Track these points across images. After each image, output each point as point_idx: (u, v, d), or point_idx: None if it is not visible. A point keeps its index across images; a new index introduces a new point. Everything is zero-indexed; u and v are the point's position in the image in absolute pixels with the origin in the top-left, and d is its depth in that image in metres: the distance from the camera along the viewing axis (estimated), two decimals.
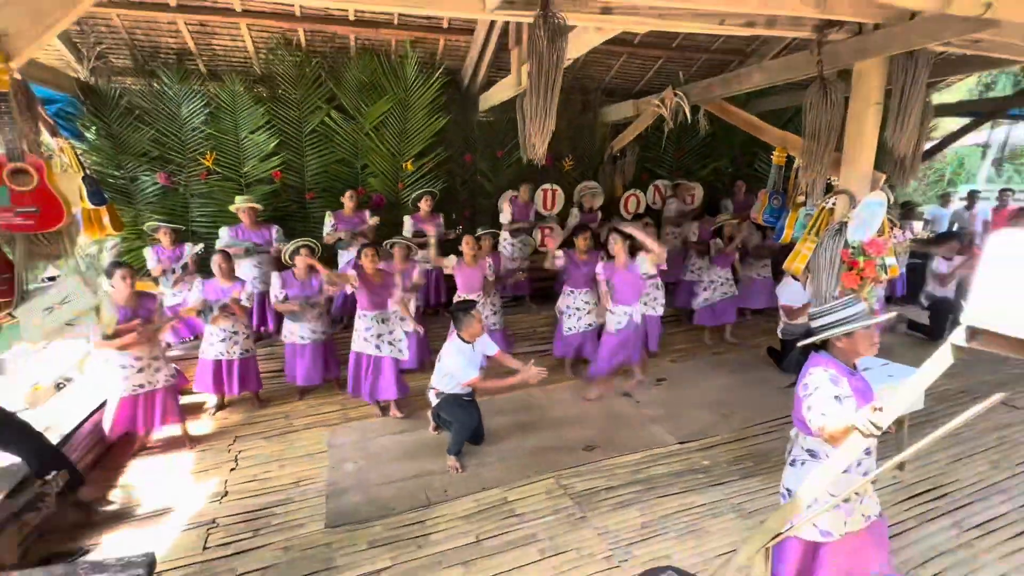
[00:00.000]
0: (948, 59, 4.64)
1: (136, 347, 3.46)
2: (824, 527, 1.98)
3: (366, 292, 4.02)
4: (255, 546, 2.83)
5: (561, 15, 2.32)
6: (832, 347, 1.95)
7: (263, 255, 4.92)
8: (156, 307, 3.61)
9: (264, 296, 4.90)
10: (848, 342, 1.90)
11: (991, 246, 1.17)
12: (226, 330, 4.08)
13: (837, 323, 1.89)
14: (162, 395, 3.63)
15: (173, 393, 3.73)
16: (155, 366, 3.59)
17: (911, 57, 3.08)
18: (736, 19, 2.92)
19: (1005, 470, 3.32)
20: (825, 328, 1.92)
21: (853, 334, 1.88)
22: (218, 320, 4.00)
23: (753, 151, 7.33)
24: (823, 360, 1.92)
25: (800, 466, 2.08)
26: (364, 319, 4.09)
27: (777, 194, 4.38)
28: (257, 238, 4.88)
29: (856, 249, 3.20)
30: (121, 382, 3.49)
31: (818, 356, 1.96)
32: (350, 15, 4.76)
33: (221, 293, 4.00)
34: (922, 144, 3.57)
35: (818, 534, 1.99)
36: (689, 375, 5.01)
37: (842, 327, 1.87)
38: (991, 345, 1.20)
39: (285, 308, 4.20)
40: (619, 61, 6.11)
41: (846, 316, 1.88)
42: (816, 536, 1.99)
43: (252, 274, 4.82)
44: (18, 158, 1.96)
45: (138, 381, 3.52)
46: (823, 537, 1.98)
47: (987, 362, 4.74)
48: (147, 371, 3.55)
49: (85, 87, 4.74)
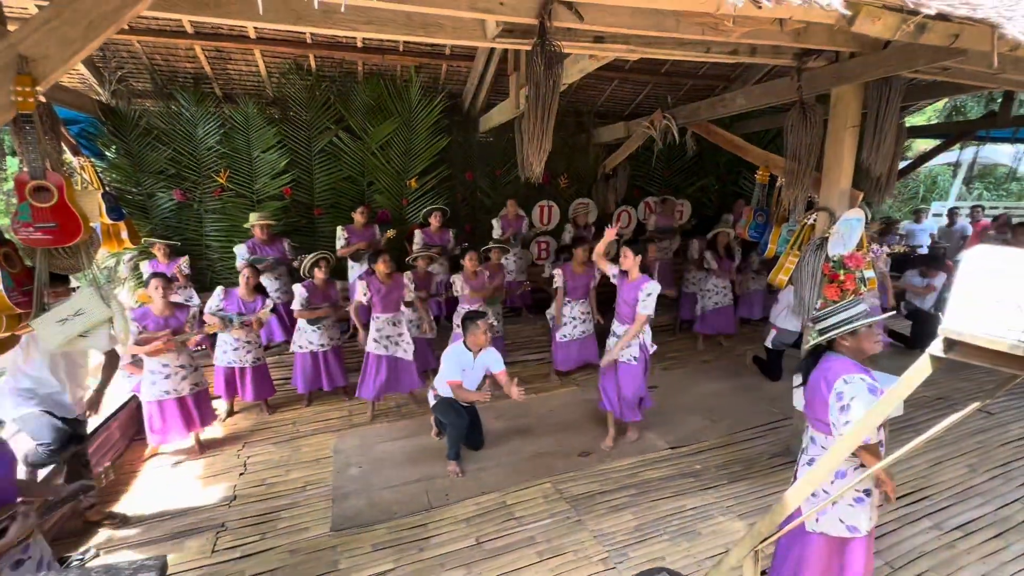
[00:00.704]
0: (919, 84, 4.85)
1: (164, 355, 3.60)
2: (851, 523, 2.00)
3: (379, 296, 4.23)
4: (262, 549, 2.90)
5: (557, 44, 2.41)
6: (840, 348, 2.00)
7: (281, 268, 5.13)
8: (188, 318, 3.74)
9: (285, 307, 5.07)
10: (853, 341, 1.96)
11: (967, 261, 1.23)
12: (239, 339, 4.23)
13: (841, 323, 1.95)
14: (192, 402, 3.75)
15: (203, 398, 3.85)
16: (181, 374, 3.70)
17: (885, 83, 3.25)
18: (720, 48, 3.11)
19: (983, 474, 3.43)
20: (830, 329, 1.97)
21: (857, 333, 1.94)
22: (235, 331, 4.14)
23: (738, 170, 7.58)
24: (850, 365, 1.94)
25: None
26: (376, 321, 4.29)
27: (761, 210, 4.55)
28: (273, 252, 5.07)
29: (836, 263, 3.33)
30: (148, 387, 3.63)
31: (840, 360, 1.97)
32: (358, 42, 5.00)
33: (243, 307, 4.14)
34: (897, 164, 3.74)
35: (845, 530, 2.01)
36: (680, 382, 5.13)
37: (846, 326, 1.93)
38: (968, 356, 1.25)
39: (307, 315, 4.37)
40: (611, 85, 6.36)
41: (849, 316, 1.94)
42: (843, 532, 2.01)
43: (274, 286, 5.04)
44: (40, 176, 2.00)
45: (165, 387, 3.64)
46: (850, 533, 2.01)
47: (964, 370, 4.88)
48: (173, 378, 3.66)
49: (106, 109, 4.94)
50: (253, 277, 4.15)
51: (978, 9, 2.01)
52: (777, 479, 3.42)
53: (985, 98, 10.21)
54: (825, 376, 1.97)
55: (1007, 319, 1.16)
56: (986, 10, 2.02)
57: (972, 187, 14.29)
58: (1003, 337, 1.16)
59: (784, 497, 1.97)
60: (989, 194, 14.52)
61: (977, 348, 1.22)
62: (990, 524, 2.97)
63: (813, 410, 2.05)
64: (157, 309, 3.59)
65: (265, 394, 4.51)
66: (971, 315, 1.21)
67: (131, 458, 3.88)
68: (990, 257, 1.20)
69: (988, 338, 1.18)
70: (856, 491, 1.98)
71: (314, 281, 4.43)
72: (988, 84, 3.68)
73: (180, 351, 3.70)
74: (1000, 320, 1.17)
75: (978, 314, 1.20)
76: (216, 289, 4.16)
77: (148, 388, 3.63)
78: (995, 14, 2.02)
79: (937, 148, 7.98)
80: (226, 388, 4.32)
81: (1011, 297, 1.16)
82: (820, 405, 1.98)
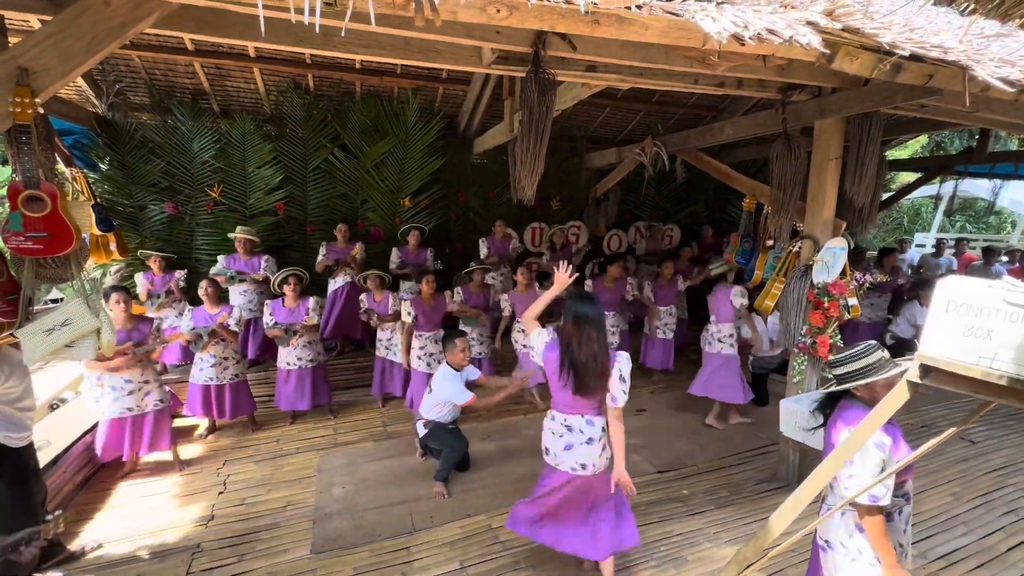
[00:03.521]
0: (900, 120, 5.04)
1: (127, 370, 3.51)
2: None
3: (423, 316, 4.40)
4: (239, 572, 2.82)
5: (551, 72, 2.48)
6: (855, 395, 1.94)
7: (253, 284, 5.10)
8: (151, 331, 3.67)
9: (251, 323, 5.06)
10: (867, 391, 1.88)
11: (940, 291, 1.27)
12: (215, 356, 4.14)
13: (856, 373, 1.87)
14: (151, 419, 3.65)
15: (164, 417, 3.73)
16: (145, 389, 3.62)
17: (866, 118, 3.36)
18: (708, 80, 3.23)
19: (966, 502, 3.44)
20: (847, 378, 1.91)
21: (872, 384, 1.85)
22: (208, 347, 4.08)
23: (726, 197, 7.77)
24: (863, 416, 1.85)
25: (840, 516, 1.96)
26: (419, 339, 4.49)
27: (748, 237, 4.65)
28: (246, 267, 5.06)
29: (821, 290, 3.42)
30: (111, 404, 3.53)
31: (854, 410, 1.90)
32: (357, 64, 5.10)
33: (209, 319, 4.08)
34: (879, 195, 3.86)
35: None
36: (668, 406, 5.12)
37: (861, 378, 1.85)
38: (943, 382, 1.28)
39: (272, 333, 4.35)
40: (604, 112, 6.52)
41: (866, 365, 1.86)
42: None
43: (239, 301, 4.99)
44: (34, 185, 2.02)
45: (127, 404, 3.55)
46: None
47: (948, 399, 4.95)
48: (136, 394, 3.58)
49: (102, 121, 4.97)
50: (211, 288, 4.11)
51: (949, 52, 2.12)
52: (765, 505, 3.40)
53: (966, 134, 10.61)
54: (838, 423, 1.93)
55: (979, 347, 1.21)
56: (956, 53, 2.13)
57: (954, 219, 14.72)
58: (976, 364, 1.21)
59: (769, 522, 1.97)
60: (971, 226, 14.98)
61: (952, 374, 1.26)
62: (974, 554, 2.97)
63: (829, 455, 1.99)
64: (119, 322, 3.53)
65: (245, 411, 4.42)
66: (945, 342, 1.25)
67: (106, 475, 3.77)
68: (962, 287, 1.25)
69: (961, 364, 1.22)
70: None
71: (283, 299, 4.42)
72: (964, 121, 3.84)
73: (146, 365, 3.63)
74: (972, 348, 1.22)
75: (952, 341, 1.24)
76: (186, 309, 4.18)
77: (109, 405, 3.53)
78: (964, 57, 2.13)
79: (918, 181, 8.25)
80: (202, 405, 4.19)
81: (982, 325, 1.21)
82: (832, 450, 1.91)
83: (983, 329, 1.18)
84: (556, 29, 1.80)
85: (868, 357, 1.87)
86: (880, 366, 1.85)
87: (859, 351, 1.90)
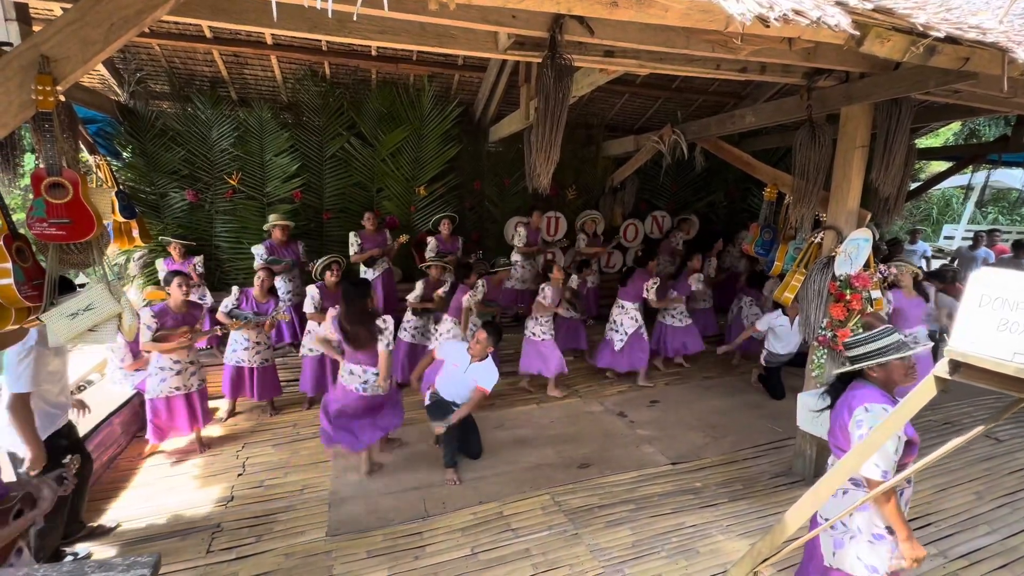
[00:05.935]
0: (931, 106, 4.85)
1: (178, 352, 3.66)
2: (870, 562, 1.91)
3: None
4: (257, 552, 2.89)
5: (568, 57, 2.44)
6: (869, 377, 1.95)
7: (295, 270, 5.20)
8: (201, 316, 3.81)
9: (296, 308, 5.12)
10: (883, 372, 1.90)
11: (972, 285, 1.23)
12: (249, 339, 4.28)
13: (871, 354, 1.89)
14: (197, 398, 3.80)
15: (205, 396, 3.90)
16: (191, 370, 3.77)
17: (895, 104, 3.23)
18: (730, 65, 3.13)
19: (989, 502, 3.36)
20: (861, 359, 1.92)
21: (888, 364, 1.88)
22: (249, 331, 4.20)
23: (746, 186, 7.60)
24: (876, 395, 1.88)
25: (842, 495, 1.98)
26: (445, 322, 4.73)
27: (768, 227, 4.54)
28: (289, 254, 5.14)
29: (843, 282, 3.32)
30: (158, 384, 3.65)
31: (867, 389, 1.92)
32: (372, 51, 5.09)
33: (256, 307, 4.20)
34: (906, 185, 3.73)
35: (863, 569, 1.92)
36: (682, 398, 5.08)
37: (876, 358, 1.87)
38: (973, 378, 1.26)
39: (318, 317, 4.38)
40: (622, 99, 6.40)
41: (880, 347, 1.88)
42: (862, 571, 1.92)
43: (286, 288, 5.10)
44: (56, 172, 2.05)
45: (175, 384, 3.69)
46: (868, 572, 1.91)
47: (973, 396, 4.82)
48: (184, 374, 3.72)
49: (124, 109, 5.04)
50: (268, 279, 4.22)
51: (988, 34, 2.01)
52: (779, 499, 3.37)
53: (1002, 121, 10.17)
54: (849, 403, 1.93)
55: (1012, 342, 1.15)
56: (996, 35, 2.02)
57: (985, 211, 14.19)
58: (1008, 360, 1.16)
59: (784, 518, 1.95)
60: (1004, 218, 14.43)
61: (982, 370, 1.22)
62: (997, 554, 2.90)
63: (835, 437, 2.00)
64: (176, 306, 3.65)
65: (271, 394, 4.56)
66: (976, 337, 1.21)
67: (130, 455, 3.89)
68: (996, 280, 1.20)
69: (993, 360, 1.17)
70: (876, 527, 1.89)
71: (325, 284, 4.47)
72: (1000, 108, 3.67)
73: (191, 348, 3.77)
74: (1006, 343, 1.17)
75: (983, 336, 1.20)
76: (232, 289, 4.23)
77: (156, 385, 3.66)
78: (1005, 39, 2.03)
79: (948, 171, 7.94)
80: (232, 386, 4.35)
81: (1019, 320, 1.16)
82: (841, 432, 1.94)
83: (1019, 324, 1.13)
84: (573, 12, 1.76)
85: (885, 339, 1.90)
86: (897, 347, 1.88)
87: (875, 333, 1.95)
